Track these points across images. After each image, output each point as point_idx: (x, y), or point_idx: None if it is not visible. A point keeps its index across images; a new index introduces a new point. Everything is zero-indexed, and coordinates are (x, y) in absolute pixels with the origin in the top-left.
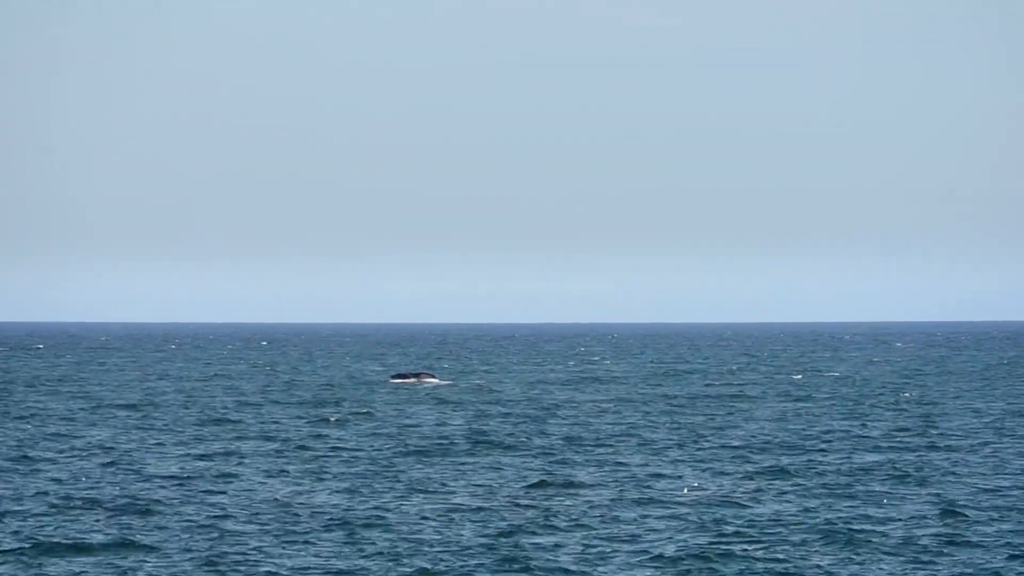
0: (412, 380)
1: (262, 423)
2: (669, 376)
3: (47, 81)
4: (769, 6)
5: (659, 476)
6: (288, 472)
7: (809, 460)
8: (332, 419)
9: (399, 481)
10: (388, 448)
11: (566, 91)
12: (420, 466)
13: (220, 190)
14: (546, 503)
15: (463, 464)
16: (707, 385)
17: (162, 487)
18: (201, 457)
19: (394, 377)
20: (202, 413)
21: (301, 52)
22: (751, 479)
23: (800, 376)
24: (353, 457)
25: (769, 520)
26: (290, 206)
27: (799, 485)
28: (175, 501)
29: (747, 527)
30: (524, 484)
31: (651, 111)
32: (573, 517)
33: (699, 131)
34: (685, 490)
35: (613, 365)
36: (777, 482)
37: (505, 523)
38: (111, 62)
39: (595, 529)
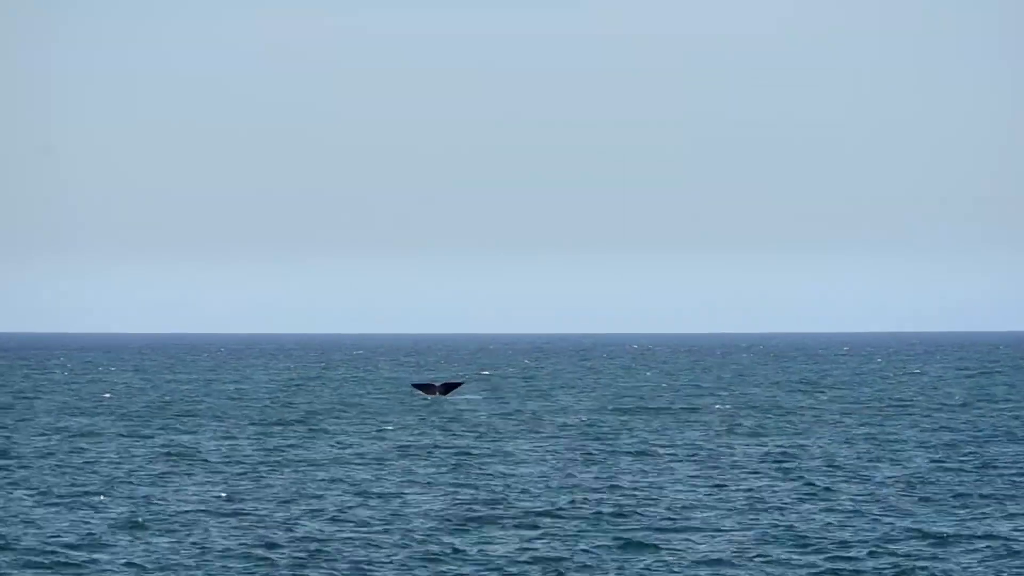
0: (439, 390)
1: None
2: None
3: (47, 81)
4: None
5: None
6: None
7: None
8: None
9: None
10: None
11: (595, 99)
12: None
13: (223, 193)
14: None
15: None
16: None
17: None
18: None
19: (419, 387)
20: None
21: (302, 53)
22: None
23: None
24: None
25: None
26: (306, 210)
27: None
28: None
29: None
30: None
31: (677, 118)
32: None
33: (699, 135)
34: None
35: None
36: None
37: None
38: (111, 61)
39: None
